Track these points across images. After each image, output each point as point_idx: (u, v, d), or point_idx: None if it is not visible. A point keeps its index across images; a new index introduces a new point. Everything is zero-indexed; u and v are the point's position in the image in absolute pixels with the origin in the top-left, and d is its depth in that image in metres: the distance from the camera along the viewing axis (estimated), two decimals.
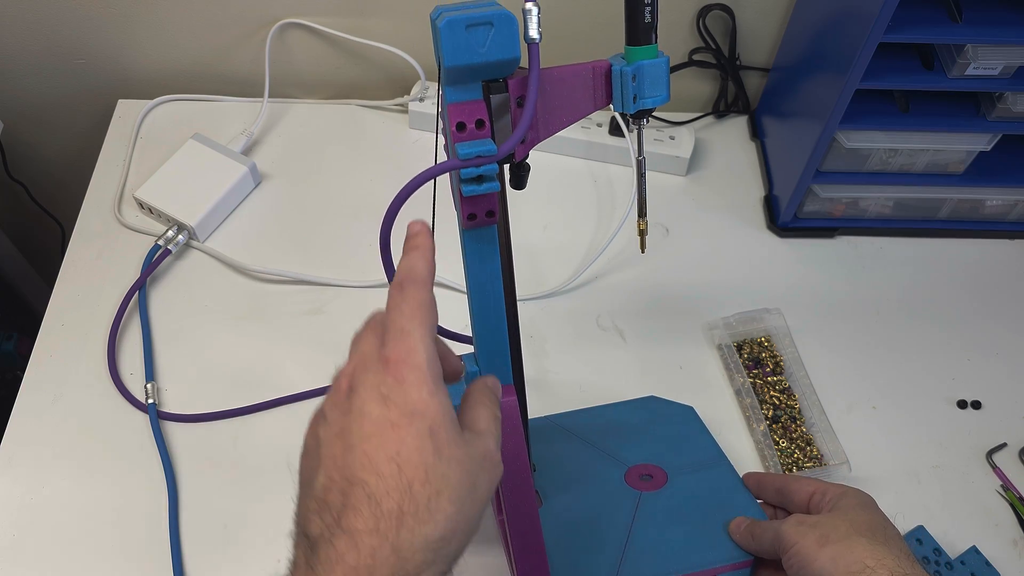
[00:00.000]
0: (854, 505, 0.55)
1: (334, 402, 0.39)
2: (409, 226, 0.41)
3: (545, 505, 0.64)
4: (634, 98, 0.47)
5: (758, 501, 0.64)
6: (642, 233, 0.55)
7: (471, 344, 0.55)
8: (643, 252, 0.55)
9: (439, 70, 0.43)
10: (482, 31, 0.41)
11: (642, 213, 0.54)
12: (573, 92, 0.47)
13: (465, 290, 0.50)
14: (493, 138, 0.44)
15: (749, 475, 0.66)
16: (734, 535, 0.60)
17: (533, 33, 0.43)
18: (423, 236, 0.41)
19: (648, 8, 0.46)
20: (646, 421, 0.72)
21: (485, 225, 0.46)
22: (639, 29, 0.47)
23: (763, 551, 0.57)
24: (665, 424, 0.72)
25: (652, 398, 0.74)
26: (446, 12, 0.42)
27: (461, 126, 0.43)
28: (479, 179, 0.44)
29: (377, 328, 0.40)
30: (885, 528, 0.53)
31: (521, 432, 0.54)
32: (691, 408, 0.73)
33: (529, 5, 0.42)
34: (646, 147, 0.89)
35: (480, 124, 0.44)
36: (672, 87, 1.00)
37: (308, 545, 0.36)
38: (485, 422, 0.41)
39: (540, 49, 0.43)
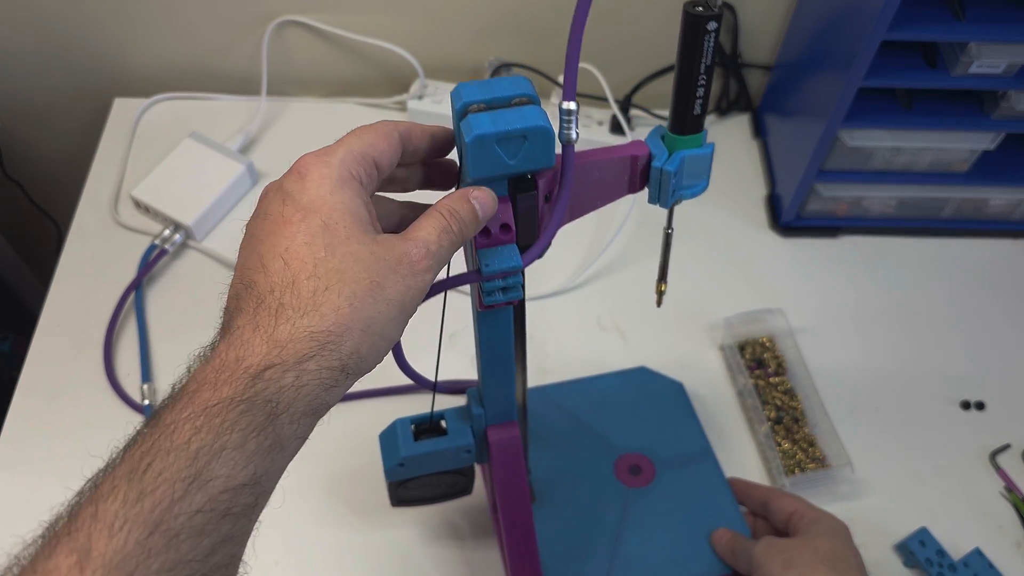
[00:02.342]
0: (824, 532, 0.57)
1: (255, 209, 0.38)
2: None
3: (538, 502, 0.65)
4: (672, 190, 0.43)
5: (741, 509, 0.66)
6: (661, 293, 0.54)
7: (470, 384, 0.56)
8: (659, 307, 0.54)
9: (460, 165, 0.40)
10: (514, 143, 0.37)
11: (663, 278, 0.53)
12: (606, 180, 0.43)
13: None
14: (518, 238, 0.41)
15: (736, 481, 0.67)
16: (716, 546, 0.63)
17: (572, 134, 0.39)
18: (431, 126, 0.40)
19: (699, 101, 0.40)
20: (636, 398, 0.73)
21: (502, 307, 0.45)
22: (687, 120, 0.41)
23: (739, 567, 0.60)
24: (655, 402, 0.73)
25: (644, 370, 0.75)
26: (473, 117, 0.37)
27: (485, 231, 0.40)
28: (503, 288, 0.42)
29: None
30: (847, 560, 0.56)
31: (522, 464, 0.55)
32: (680, 384, 0.74)
33: (570, 105, 0.38)
34: None
35: (505, 229, 0.40)
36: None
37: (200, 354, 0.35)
38: (425, 230, 0.37)
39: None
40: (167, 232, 0.80)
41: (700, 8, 0.37)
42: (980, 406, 0.76)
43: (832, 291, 0.83)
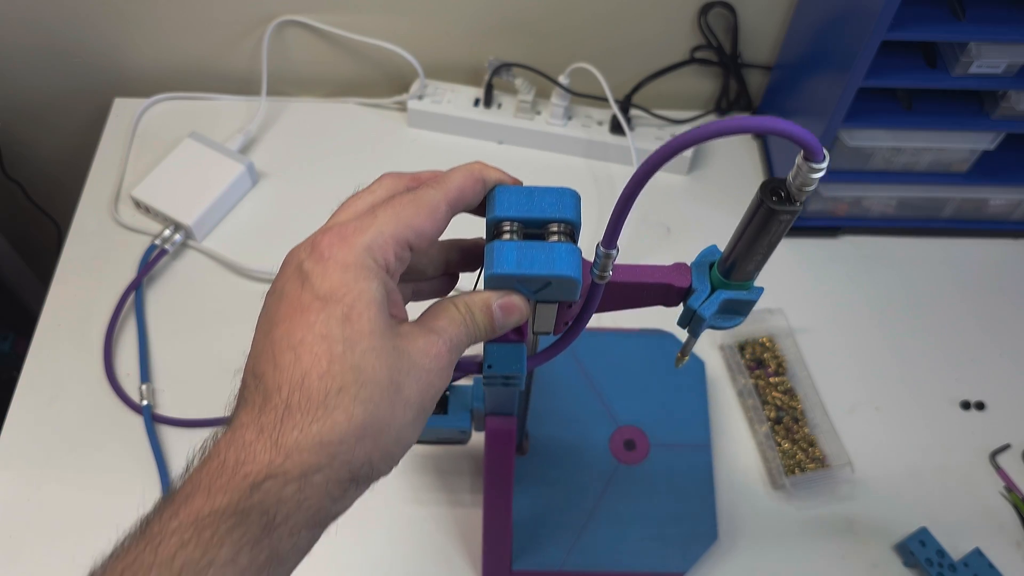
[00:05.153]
0: None
1: (274, 280, 0.35)
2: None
3: (530, 454, 0.67)
4: (704, 326, 0.41)
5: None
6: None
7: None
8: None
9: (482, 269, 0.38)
10: (537, 282, 0.35)
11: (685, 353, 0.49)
12: (637, 296, 0.42)
13: None
14: (533, 327, 0.39)
15: None
16: None
17: (603, 275, 0.37)
18: (487, 168, 0.37)
19: (755, 264, 0.37)
20: (654, 366, 0.72)
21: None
22: (739, 274, 0.39)
23: None
24: (671, 376, 0.72)
25: (668, 336, 0.75)
26: (499, 246, 0.35)
27: None
28: (504, 383, 0.42)
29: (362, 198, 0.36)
30: None
31: (512, 455, 0.56)
32: (702, 363, 0.74)
33: (610, 252, 0.36)
34: (646, 145, 0.88)
35: (517, 330, 0.40)
36: (673, 84, 0.98)
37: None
38: (444, 320, 0.35)
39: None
40: (167, 232, 0.80)
41: (778, 198, 0.34)
42: (980, 406, 0.76)
43: (832, 291, 0.83)
